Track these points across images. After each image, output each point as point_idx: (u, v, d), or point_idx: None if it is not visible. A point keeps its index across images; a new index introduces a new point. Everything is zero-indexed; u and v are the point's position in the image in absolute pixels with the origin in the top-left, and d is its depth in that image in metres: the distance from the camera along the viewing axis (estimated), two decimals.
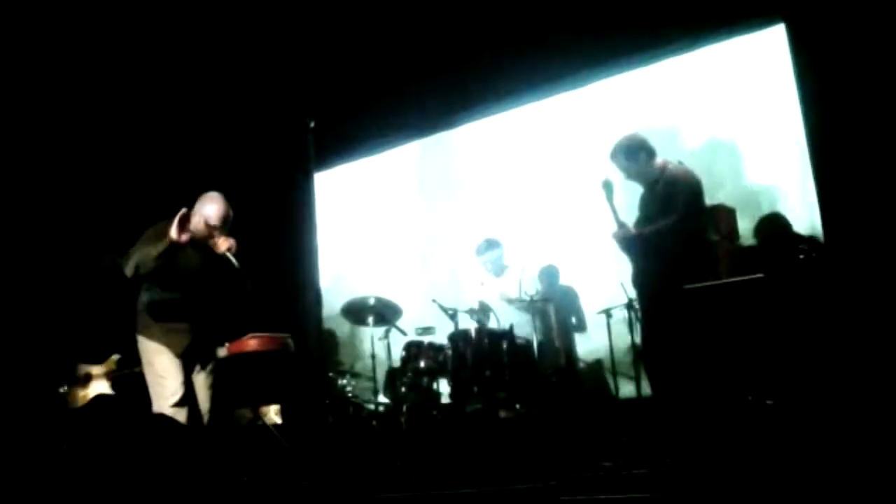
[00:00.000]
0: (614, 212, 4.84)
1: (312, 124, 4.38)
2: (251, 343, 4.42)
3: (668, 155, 5.01)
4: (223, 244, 4.46)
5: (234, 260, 4.43)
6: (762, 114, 5.99)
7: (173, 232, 4.23)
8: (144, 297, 4.54)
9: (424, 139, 7.55)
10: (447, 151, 7.49)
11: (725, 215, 5.27)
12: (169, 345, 4.43)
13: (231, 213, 4.54)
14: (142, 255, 4.34)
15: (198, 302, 4.53)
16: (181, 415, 4.34)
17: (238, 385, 4.93)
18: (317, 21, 6.87)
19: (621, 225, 4.83)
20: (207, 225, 4.49)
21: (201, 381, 4.54)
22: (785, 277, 4.42)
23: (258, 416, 4.82)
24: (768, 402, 4.05)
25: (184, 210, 4.32)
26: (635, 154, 4.86)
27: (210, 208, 4.52)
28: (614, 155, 4.92)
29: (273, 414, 5.22)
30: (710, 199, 5.07)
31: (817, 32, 5.45)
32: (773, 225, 5.30)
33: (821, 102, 5.43)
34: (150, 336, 4.49)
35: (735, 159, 6.15)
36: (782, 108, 5.77)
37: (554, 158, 6.88)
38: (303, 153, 4.37)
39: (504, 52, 6.63)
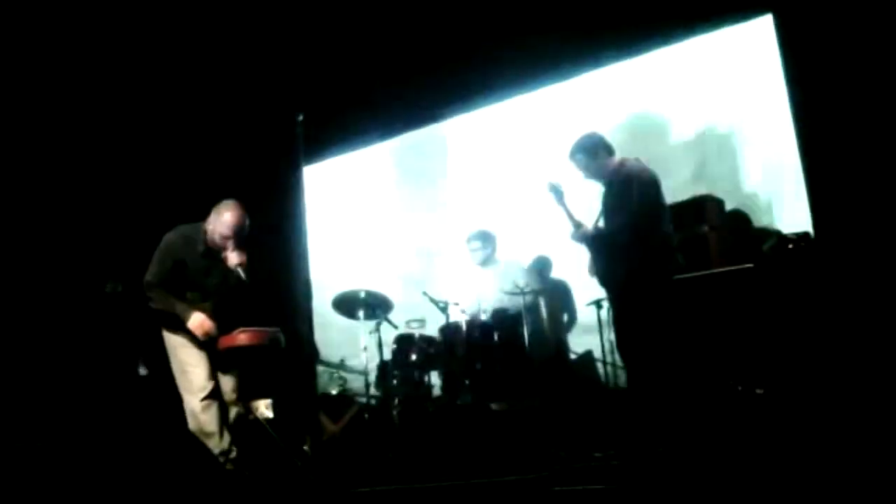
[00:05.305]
0: (568, 213, 4.92)
1: (301, 118, 4.35)
2: (241, 337, 4.39)
3: (660, 146, 5.02)
4: (234, 259, 4.38)
5: (243, 275, 4.37)
6: (757, 104, 6.00)
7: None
8: None
9: (415, 131, 7.54)
10: (438, 143, 7.49)
11: (713, 206, 5.27)
12: (191, 336, 4.39)
13: (246, 223, 4.42)
14: (163, 304, 4.40)
15: (216, 300, 4.50)
16: (211, 410, 4.36)
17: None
18: (304, 14, 6.84)
19: (578, 226, 4.90)
20: (221, 235, 4.39)
21: (227, 378, 4.53)
22: (774, 267, 4.44)
23: (249, 411, 4.80)
24: (758, 391, 4.07)
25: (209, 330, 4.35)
26: (594, 152, 4.91)
27: (224, 217, 4.40)
28: (574, 154, 4.95)
29: (264, 408, 5.21)
30: (703, 190, 5.06)
31: (805, 22, 5.45)
32: (735, 220, 5.36)
33: (809, 92, 5.43)
34: (173, 328, 4.45)
35: (729, 149, 6.16)
36: (777, 99, 5.77)
37: (544, 150, 6.87)
38: (292, 146, 4.35)
39: (494, 44, 6.60)
